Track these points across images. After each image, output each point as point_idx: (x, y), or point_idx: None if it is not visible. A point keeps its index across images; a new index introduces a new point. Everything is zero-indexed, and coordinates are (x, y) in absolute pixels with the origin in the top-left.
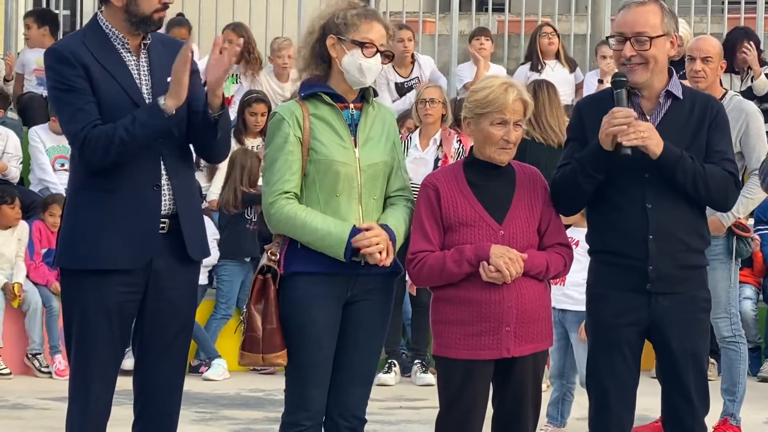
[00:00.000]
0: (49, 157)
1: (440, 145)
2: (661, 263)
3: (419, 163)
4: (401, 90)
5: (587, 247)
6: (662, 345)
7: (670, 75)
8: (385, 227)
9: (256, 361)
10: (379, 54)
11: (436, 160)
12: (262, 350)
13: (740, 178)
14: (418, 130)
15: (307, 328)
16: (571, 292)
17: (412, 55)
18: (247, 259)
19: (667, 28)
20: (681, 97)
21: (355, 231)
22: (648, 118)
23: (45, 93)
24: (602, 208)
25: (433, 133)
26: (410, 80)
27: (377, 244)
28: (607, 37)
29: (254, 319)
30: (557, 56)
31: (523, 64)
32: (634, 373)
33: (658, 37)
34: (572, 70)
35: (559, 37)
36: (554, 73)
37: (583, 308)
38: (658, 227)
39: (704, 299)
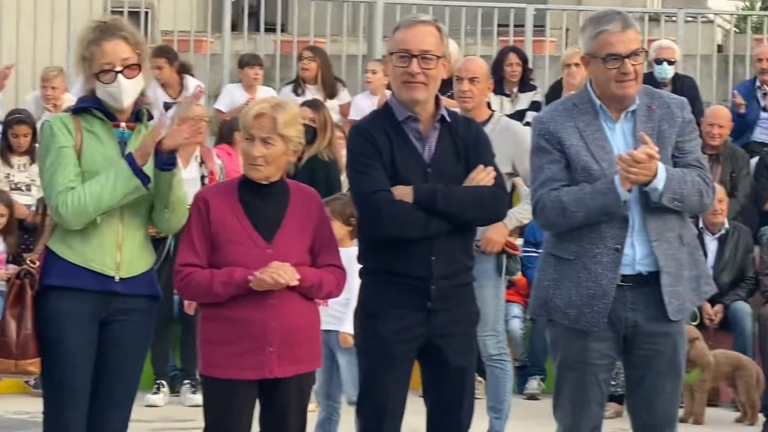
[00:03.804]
0: None
1: (202, 162)
2: (442, 282)
3: (188, 183)
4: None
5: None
6: (438, 360)
7: (436, 98)
8: None
9: (8, 367)
10: (120, 75)
11: (202, 177)
12: (15, 356)
13: (511, 197)
14: None
15: (59, 345)
16: (335, 312)
17: (181, 77)
18: None
19: (444, 50)
20: (449, 120)
21: (129, 156)
22: (425, 142)
23: None
24: None
25: (193, 150)
26: (178, 102)
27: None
28: (391, 53)
29: (8, 324)
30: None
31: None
32: (406, 390)
33: (439, 57)
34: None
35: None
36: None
37: (345, 328)
38: (440, 249)
39: (475, 313)
